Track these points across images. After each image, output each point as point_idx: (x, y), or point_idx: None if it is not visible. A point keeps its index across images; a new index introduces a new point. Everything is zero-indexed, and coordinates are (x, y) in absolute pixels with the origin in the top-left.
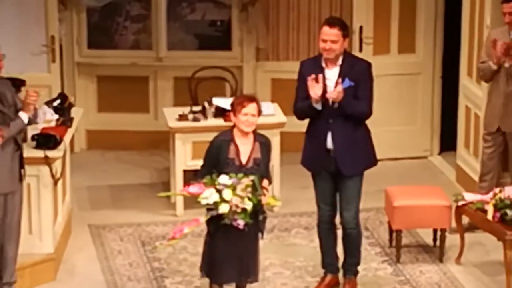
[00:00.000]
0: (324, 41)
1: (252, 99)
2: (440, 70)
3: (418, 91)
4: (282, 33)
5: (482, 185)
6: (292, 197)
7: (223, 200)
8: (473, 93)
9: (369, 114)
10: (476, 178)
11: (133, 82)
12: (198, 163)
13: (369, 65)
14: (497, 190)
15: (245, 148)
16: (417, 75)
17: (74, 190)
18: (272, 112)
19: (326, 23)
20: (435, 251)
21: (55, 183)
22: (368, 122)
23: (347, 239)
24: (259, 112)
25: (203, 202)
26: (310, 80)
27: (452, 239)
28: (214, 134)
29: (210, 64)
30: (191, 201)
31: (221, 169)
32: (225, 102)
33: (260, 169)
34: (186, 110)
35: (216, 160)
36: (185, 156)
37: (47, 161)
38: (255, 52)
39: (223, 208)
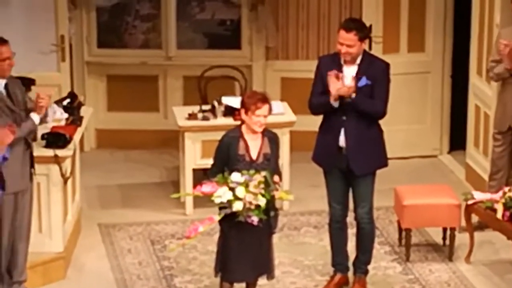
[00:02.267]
0: (341, 44)
1: (266, 100)
2: (449, 69)
3: (428, 90)
4: (292, 32)
5: (492, 184)
6: (301, 196)
7: (236, 198)
8: (482, 92)
9: (383, 113)
10: (486, 177)
11: (143, 81)
12: (207, 162)
13: (387, 65)
14: (506, 189)
15: (254, 144)
16: (426, 74)
17: (83, 189)
18: (282, 111)
19: (343, 26)
20: (445, 250)
21: (65, 182)
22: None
23: (360, 234)
24: (270, 111)
25: (217, 201)
26: (331, 76)
27: (462, 238)
28: (224, 133)
29: (220, 63)
30: (201, 200)
31: (231, 166)
32: (234, 101)
33: (270, 164)
34: (195, 109)
35: (227, 157)
36: (195, 155)
37: (57, 160)
38: (264, 51)
39: (237, 206)
